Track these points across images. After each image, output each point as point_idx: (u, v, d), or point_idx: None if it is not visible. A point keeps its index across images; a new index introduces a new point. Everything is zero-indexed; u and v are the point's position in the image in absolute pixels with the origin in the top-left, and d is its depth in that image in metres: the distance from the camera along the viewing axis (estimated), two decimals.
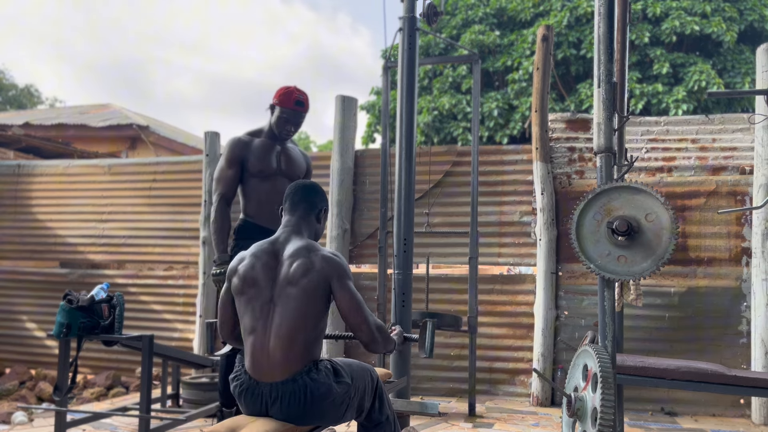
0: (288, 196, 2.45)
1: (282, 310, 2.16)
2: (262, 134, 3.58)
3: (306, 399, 2.12)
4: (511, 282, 5.34)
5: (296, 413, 2.12)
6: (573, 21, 10.59)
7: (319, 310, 2.20)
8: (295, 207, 2.41)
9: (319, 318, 2.21)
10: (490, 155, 5.47)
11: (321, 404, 2.14)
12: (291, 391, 2.11)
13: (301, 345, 2.14)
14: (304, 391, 2.12)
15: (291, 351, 2.13)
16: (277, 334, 2.14)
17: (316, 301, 2.18)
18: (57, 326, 3.31)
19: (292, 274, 2.19)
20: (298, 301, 2.16)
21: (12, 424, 4.12)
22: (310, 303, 2.17)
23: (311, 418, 2.16)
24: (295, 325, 2.14)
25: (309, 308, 2.17)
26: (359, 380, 2.28)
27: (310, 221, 2.42)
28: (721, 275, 4.85)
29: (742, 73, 9.88)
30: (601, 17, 2.67)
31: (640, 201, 2.45)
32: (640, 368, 2.90)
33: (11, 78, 27.52)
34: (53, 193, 6.48)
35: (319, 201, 2.45)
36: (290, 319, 2.15)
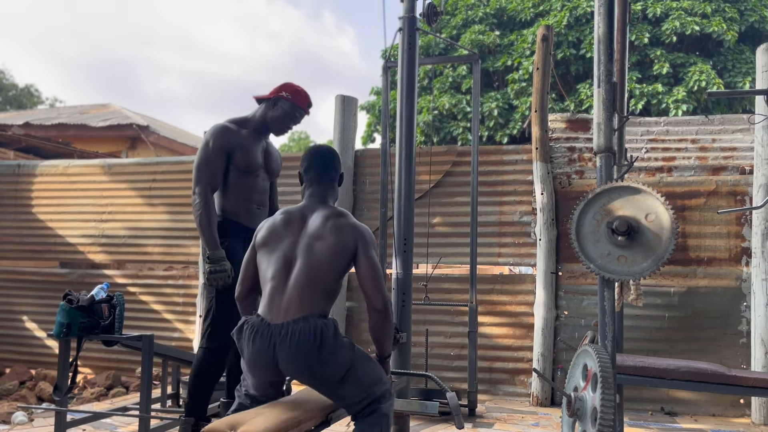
0: (314, 163, 2.51)
1: (305, 260, 2.26)
2: (249, 125, 3.26)
3: (314, 340, 2.15)
4: (511, 282, 5.34)
5: (302, 355, 2.14)
6: (573, 21, 10.59)
7: (340, 269, 2.30)
8: (322, 176, 2.49)
9: (338, 277, 2.31)
10: (490, 155, 5.47)
11: (327, 350, 2.16)
12: (301, 330, 2.15)
13: (317, 294, 2.23)
14: (314, 330, 2.16)
15: (307, 297, 2.21)
16: (296, 280, 2.23)
17: (339, 259, 2.28)
18: (57, 326, 3.31)
19: (319, 231, 2.30)
20: (322, 254, 2.26)
21: (12, 424, 4.12)
22: (333, 260, 2.27)
23: (314, 365, 2.17)
24: (316, 276, 2.24)
25: (331, 264, 2.27)
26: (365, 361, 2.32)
27: (333, 188, 2.53)
28: (721, 275, 4.85)
29: (743, 73, 9.88)
30: (601, 17, 2.67)
31: (640, 201, 2.45)
32: (640, 368, 2.90)
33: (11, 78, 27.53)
34: (53, 193, 6.48)
35: (339, 167, 2.57)
36: (311, 269, 2.24)
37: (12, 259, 6.55)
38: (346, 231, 2.31)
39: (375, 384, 2.31)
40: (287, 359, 2.16)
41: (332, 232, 2.30)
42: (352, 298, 5.57)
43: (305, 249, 2.28)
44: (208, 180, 3.07)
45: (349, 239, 2.30)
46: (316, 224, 2.34)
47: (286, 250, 2.30)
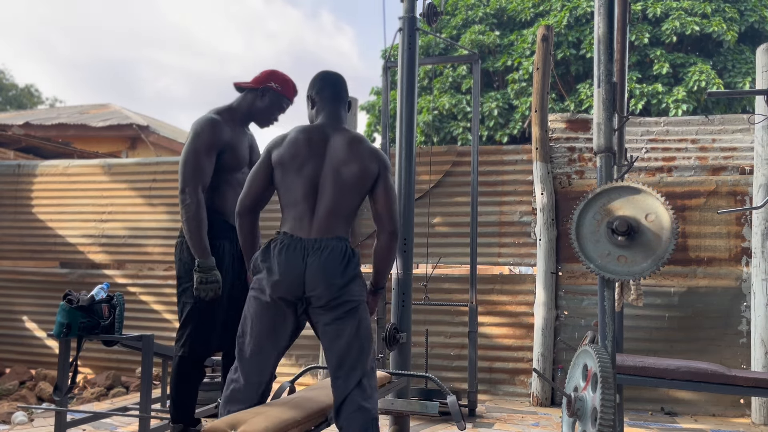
0: (327, 84, 2.53)
1: (333, 186, 2.32)
2: (234, 116, 3.02)
3: (342, 257, 2.27)
4: (511, 282, 5.34)
5: (330, 268, 2.24)
6: (573, 21, 10.59)
7: (363, 194, 2.39)
8: (335, 97, 2.52)
9: (360, 201, 2.40)
10: (490, 155, 5.47)
11: (350, 271, 2.28)
12: (333, 246, 2.27)
13: (342, 218, 2.33)
14: (344, 249, 2.29)
15: (334, 221, 2.31)
16: (325, 205, 2.31)
17: (363, 185, 2.36)
18: (57, 326, 3.31)
19: (344, 156, 2.34)
20: (349, 180, 2.33)
21: (12, 424, 4.12)
22: (359, 186, 2.35)
23: (336, 281, 2.24)
24: (343, 201, 2.32)
25: (358, 190, 2.35)
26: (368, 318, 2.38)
27: (345, 112, 2.55)
28: (721, 275, 4.85)
29: (743, 73, 9.88)
30: (601, 17, 2.66)
31: (640, 201, 2.45)
32: (640, 368, 2.90)
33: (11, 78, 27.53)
34: (53, 193, 6.48)
35: (347, 94, 2.59)
36: (339, 195, 2.31)
37: (12, 259, 6.55)
38: (370, 156, 2.37)
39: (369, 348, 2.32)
40: (315, 270, 2.24)
41: (357, 158, 2.35)
42: None
43: (333, 175, 2.33)
44: (200, 179, 2.81)
45: (372, 165, 2.36)
46: (340, 148, 2.37)
47: (312, 173, 2.35)
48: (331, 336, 2.29)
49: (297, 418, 2.16)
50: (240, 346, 2.35)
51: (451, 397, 2.78)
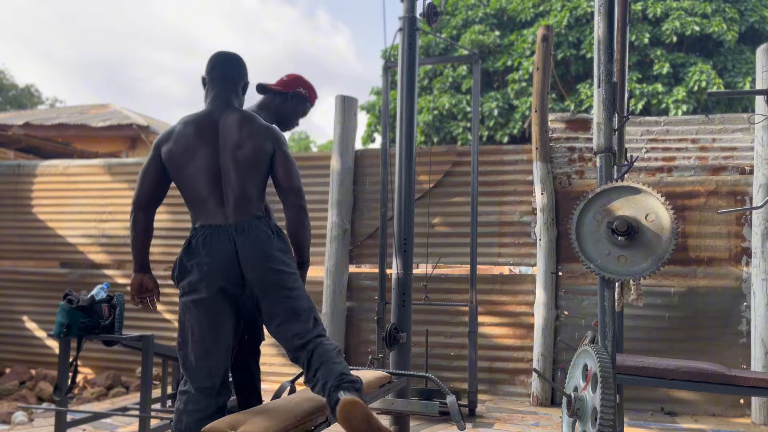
0: (217, 64, 2.49)
1: (234, 172, 2.32)
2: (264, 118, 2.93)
3: (267, 234, 2.30)
4: (511, 282, 5.34)
5: (260, 245, 2.26)
6: (573, 21, 10.59)
7: (265, 171, 2.39)
8: (225, 77, 2.48)
9: (265, 178, 2.41)
10: (490, 155, 5.47)
11: (277, 244, 2.31)
12: (255, 225, 2.30)
13: (253, 199, 2.35)
14: (266, 225, 2.33)
15: (249, 201, 2.33)
16: (232, 192, 2.31)
17: (262, 163, 2.36)
18: (57, 326, 3.31)
19: (237, 139, 2.33)
20: (248, 162, 2.33)
21: (12, 424, 4.12)
22: (258, 165, 2.35)
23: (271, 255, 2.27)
24: (247, 184, 2.33)
25: (258, 169, 2.35)
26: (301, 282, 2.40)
27: (238, 93, 2.51)
28: (721, 275, 4.85)
29: (743, 73, 9.88)
30: (601, 17, 2.67)
31: (640, 201, 2.45)
32: (640, 368, 2.90)
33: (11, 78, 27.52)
34: (53, 193, 6.48)
35: (244, 73, 2.54)
36: (243, 179, 2.32)
37: (12, 259, 6.55)
38: (262, 134, 2.37)
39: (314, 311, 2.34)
40: (247, 251, 2.25)
41: (250, 138, 2.34)
42: (352, 298, 5.57)
43: (231, 158, 2.33)
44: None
45: (267, 143, 2.37)
46: (232, 131, 2.35)
47: (210, 162, 2.33)
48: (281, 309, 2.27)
49: (297, 418, 2.16)
50: (183, 357, 2.30)
51: (451, 397, 2.78)
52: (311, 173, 5.67)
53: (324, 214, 5.55)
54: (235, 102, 2.47)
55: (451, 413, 2.73)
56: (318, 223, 5.45)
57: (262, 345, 2.76)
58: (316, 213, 5.43)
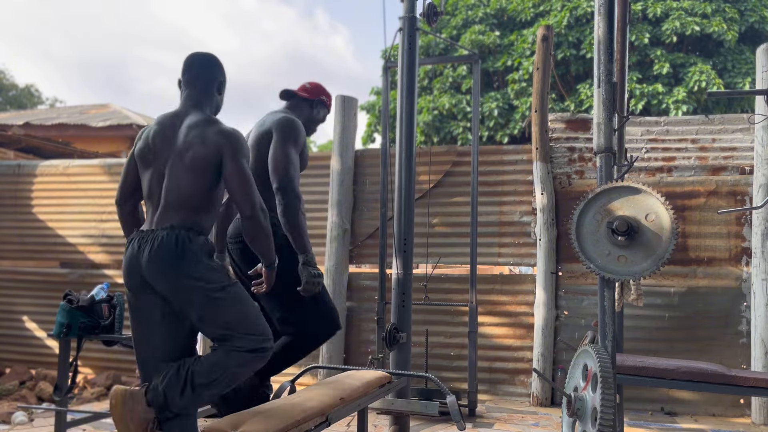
0: (190, 66, 2.44)
1: (172, 176, 2.24)
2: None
3: (175, 246, 2.14)
4: (511, 282, 5.34)
5: (162, 259, 2.14)
6: (573, 21, 10.59)
7: (207, 181, 2.25)
8: (196, 79, 2.42)
9: (207, 188, 2.26)
10: (490, 155, 5.48)
11: (188, 259, 2.15)
12: (164, 236, 2.17)
13: (185, 208, 2.22)
14: (176, 238, 2.16)
15: (175, 209, 2.22)
16: (165, 196, 2.24)
17: (205, 171, 2.24)
18: (57, 326, 3.31)
19: (185, 143, 2.25)
20: (188, 168, 2.23)
21: (12, 424, 4.12)
22: (198, 173, 2.23)
23: (173, 270, 2.14)
24: (182, 190, 2.23)
25: (197, 177, 2.23)
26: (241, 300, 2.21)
27: (210, 94, 2.44)
28: (721, 275, 4.85)
29: (743, 73, 9.88)
30: (601, 17, 2.67)
31: (640, 201, 2.45)
32: (640, 368, 2.90)
33: (11, 78, 27.52)
34: (53, 193, 6.48)
35: (218, 73, 2.47)
36: (178, 185, 2.23)
37: (12, 259, 6.55)
38: (210, 140, 2.24)
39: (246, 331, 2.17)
40: (147, 260, 2.17)
41: (197, 143, 2.25)
42: (352, 298, 5.57)
43: (173, 164, 2.26)
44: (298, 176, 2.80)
45: (212, 149, 2.24)
46: (184, 134, 2.28)
47: (159, 164, 2.29)
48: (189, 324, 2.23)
49: (297, 418, 2.16)
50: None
51: (450, 397, 2.78)
52: (311, 173, 5.66)
53: (324, 214, 5.55)
54: (206, 104, 2.42)
55: (451, 413, 2.73)
56: (318, 223, 5.45)
57: None
58: (316, 213, 5.43)
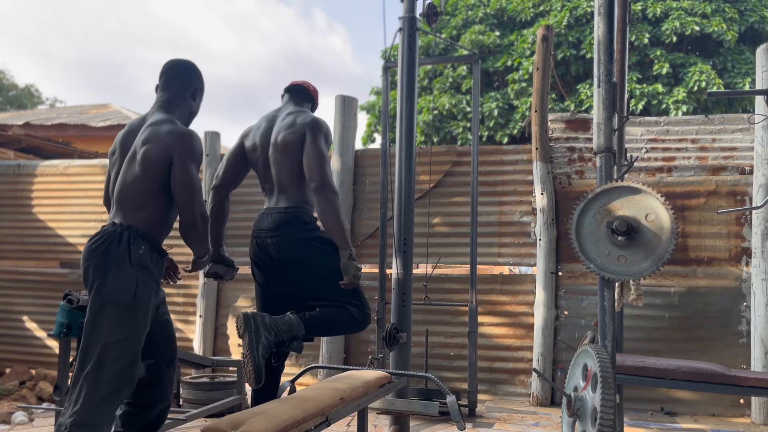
0: (164, 71, 2.50)
1: (122, 174, 2.32)
2: None
3: (104, 244, 2.25)
4: (511, 282, 5.34)
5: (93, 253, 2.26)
6: (573, 21, 10.59)
7: (154, 182, 2.29)
8: (168, 84, 2.48)
9: (153, 189, 2.29)
10: (490, 155, 5.47)
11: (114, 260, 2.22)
12: (103, 234, 2.29)
13: (130, 207, 2.30)
14: (109, 236, 2.27)
15: (123, 208, 2.31)
16: (116, 193, 2.33)
17: (152, 172, 2.27)
18: (57, 326, 3.31)
19: (140, 142, 2.30)
20: (136, 168, 2.29)
21: (12, 424, 4.12)
22: (145, 173, 2.27)
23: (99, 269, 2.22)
24: (129, 189, 2.30)
25: (143, 177, 2.28)
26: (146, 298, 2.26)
27: (182, 99, 2.47)
28: (721, 275, 4.85)
29: (743, 73, 9.88)
30: (601, 17, 2.67)
31: (640, 201, 2.45)
32: (640, 368, 2.90)
33: (12, 78, 27.52)
34: (53, 193, 6.48)
35: (193, 78, 2.51)
36: (125, 184, 2.31)
37: (12, 259, 6.55)
38: (161, 141, 2.27)
39: (110, 356, 2.16)
40: (84, 255, 2.31)
41: (148, 143, 2.28)
42: None
43: (126, 162, 2.34)
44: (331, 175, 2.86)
45: (161, 151, 2.26)
46: (141, 133, 2.35)
47: (119, 164, 2.38)
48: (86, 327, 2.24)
49: (297, 418, 2.16)
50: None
51: (450, 397, 2.78)
52: None
53: None
54: (175, 107, 2.44)
55: (451, 413, 2.73)
56: (318, 223, 5.45)
57: None
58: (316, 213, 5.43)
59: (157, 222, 2.33)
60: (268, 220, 2.79)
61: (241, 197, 5.31)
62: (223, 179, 2.92)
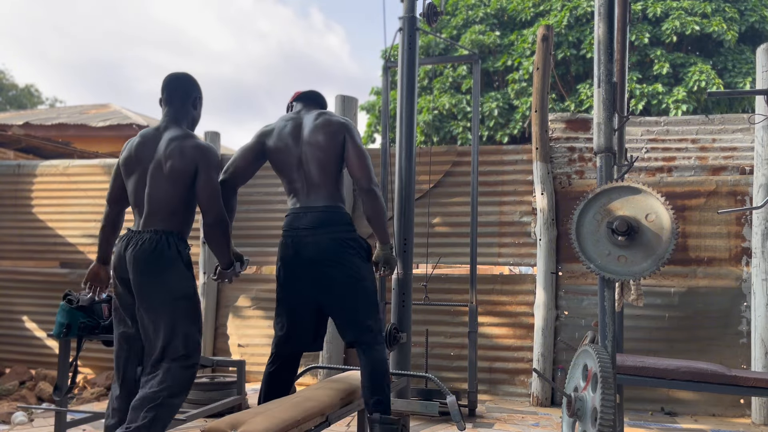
0: (166, 86, 2.69)
1: (151, 185, 2.52)
2: None
3: (152, 247, 2.45)
4: (511, 282, 5.34)
5: (141, 258, 2.44)
6: (573, 21, 10.58)
7: (184, 190, 2.53)
8: (172, 97, 2.67)
9: (183, 197, 2.53)
10: (490, 155, 5.47)
11: (163, 261, 2.45)
12: (147, 238, 2.47)
13: (164, 214, 2.51)
14: (156, 241, 2.46)
15: (156, 214, 2.51)
16: (148, 203, 2.53)
17: (181, 182, 2.51)
18: (57, 326, 3.31)
19: (164, 155, 2.52)
20: (165, 179, 2.51)
21: (12, 424, 4.12)
22: (175, 183, 2.51)
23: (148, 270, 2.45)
24: (161, 199, 2.51)
25: (175, 187, 2.51)
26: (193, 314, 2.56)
27: (186, 110, 2.68)
28: (721, 275, 4.85)
29: (743, 73, 9.87)
30: (601, 17, 2.66)
31: (640, 201, 2.45)
32: (640, 368, 2.90)
33: (11, 78, 27.51)
34: (53, 193, 6.48)
35: (193, 90, 2.70)
36: (157, 194, 2.51)
37: (12, 259, 6.55)
38: (187, 154, 2.50)
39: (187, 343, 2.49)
40: (130, 260, 2.47)
41: (174, 156, 2.50)
42: None
43: (152, 174, 2.53)
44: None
45: (188, 162, 2.50)
46: (163, 147, 2.55)
47: (141, 173, 2.56)
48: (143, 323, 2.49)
49: (297, 418, 2.16)
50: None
51: (450, 397, 2.79)
52: None
53: None
54: (183, 119, 2.65)
55: (451, 413, 2.73)
56: None
57: (261, 345, 2.80)
58: None
59: (187, 226, 2.60)
60: (307, 218, 2.70)
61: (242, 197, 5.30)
62: (234, 174, 2.86)
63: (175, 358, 2.45)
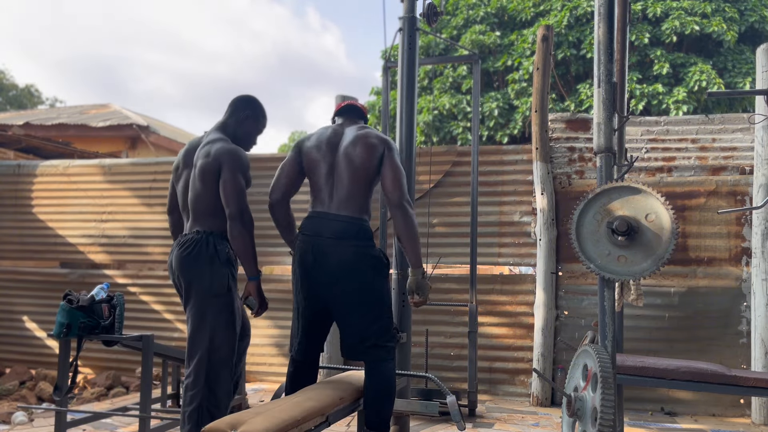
0: (229, 104, 3.01)
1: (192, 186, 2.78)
2: None
3: (190, 246, 2.68)
4: (511, 282, 5.34)
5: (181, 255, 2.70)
6: (573, 21, 10.58)
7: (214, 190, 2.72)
8: (228, 112, 2.98)
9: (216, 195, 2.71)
10: (490, 155, 5.47)
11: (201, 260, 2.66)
12: (189, 238, 2.71)
13: (203, 213, 2.73)
14: (195, 240, 2.69)
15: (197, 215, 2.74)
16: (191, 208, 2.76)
17: (212, 181, 2.70)
18: (57, 326, 3.31)
19: (198, 159, 2.77)
20: (199, 179, 2.73)
21: (12, 424, 4.12)
22: (207, 182, 2.71)
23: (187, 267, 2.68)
24: (198, 199, 2.73)
25: (207, 185, 2.71)
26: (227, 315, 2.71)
27: (233, 122, 2.95)
28: (721, 275, 4.85)
29: (743, 73, 9.87)
30: (601, 18, 2.66)
31: (640, 201, 2.45)
32: (640, 368, 2.90)
33: (12, 78, 27.50)
34: (53, 193, 6.48)
35: (241, 108, 2.97)
36: (195, 193, 2.75)
37: (12, 259, 6.55)
38: (211, 156, 2.72)
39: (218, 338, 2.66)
40: (175, 262, 2.75)
41: (202, 157, 2.74)
42: None
43: (192, 177, 2.80)
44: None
45: (213, 161, 2.70)
46: (198, 151, 2.83)
47: (186, 179, 2.84)
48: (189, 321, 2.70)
49: (297, 418, 2.16)
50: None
51: (450, 397, 2.79)
52: None
53: None
54: (227, 127, 2.90)
55: (451, 413, 2.73)
56: None
57: (262, 345, 2.82)
58: None
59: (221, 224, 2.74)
60: (331, 227, 2.64)
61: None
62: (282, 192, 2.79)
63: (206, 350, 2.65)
